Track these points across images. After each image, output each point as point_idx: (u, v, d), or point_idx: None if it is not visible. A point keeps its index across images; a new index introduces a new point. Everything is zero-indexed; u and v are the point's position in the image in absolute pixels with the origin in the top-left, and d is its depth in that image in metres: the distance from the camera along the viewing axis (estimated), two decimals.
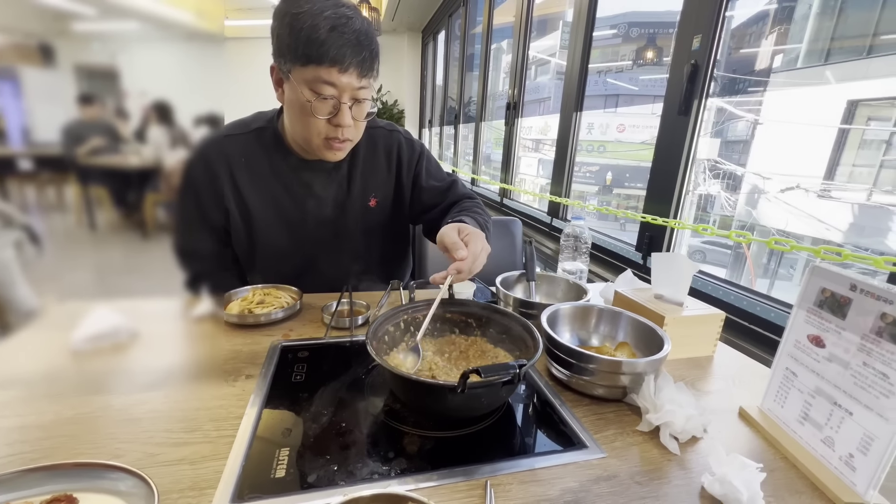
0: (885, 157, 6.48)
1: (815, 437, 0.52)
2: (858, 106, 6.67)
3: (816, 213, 6.50)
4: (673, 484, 0.48)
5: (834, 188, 6.72)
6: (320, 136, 0.85)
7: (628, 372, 0.60)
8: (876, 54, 6.49)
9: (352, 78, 0.80)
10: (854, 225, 6.55)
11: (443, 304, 0.70)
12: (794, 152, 6.24)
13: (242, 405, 0.58)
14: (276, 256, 1.00)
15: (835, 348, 0.51)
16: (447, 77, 4.27)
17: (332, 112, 0.82)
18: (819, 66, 7.04)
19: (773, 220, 6.74)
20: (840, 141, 6.69)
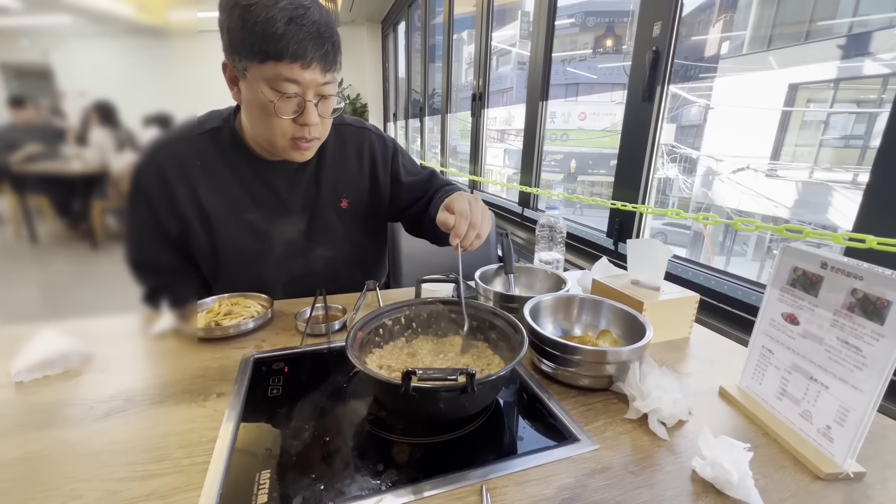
0: (824, 136, 6.91)
1: (794, 411, 0.54)
2: (799, 89, 7.07)
3: (765, 191, 6.89)
4: (665, 470, 0.49)
5: (780, 167, 7.13)
6: (286, 137, 0.80)
7: (613, 361, 0.60)
8: (812, 40, 6.86)
9: (315, 73, 0.75)
10: (798, 201, 6.99)
11: (445, 302, 0.70)
12: (744, 135, 6.57)
13: (215, 427, 0.54)
14: (242, 264, 0.95)
15: (809, 325, 0.52)
16: (410, 69, 4.20)
17: (296, 111, 0.78)
18: (763, 51, 7.41)
19: (727, 200, 7.09)
20: (783, 123, 7.09)
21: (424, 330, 0.71)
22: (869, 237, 0.69)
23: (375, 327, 0.66)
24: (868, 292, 0.46)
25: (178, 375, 0.65)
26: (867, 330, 0.46)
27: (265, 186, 0.92)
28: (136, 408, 0.57)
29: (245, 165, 0.91)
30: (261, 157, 0.91)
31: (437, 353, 0.67)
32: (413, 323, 0.70)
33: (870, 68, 6.12)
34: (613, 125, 9.54)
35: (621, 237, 1.41)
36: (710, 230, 6.13)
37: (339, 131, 0.99)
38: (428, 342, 0.69)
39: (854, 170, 6.06)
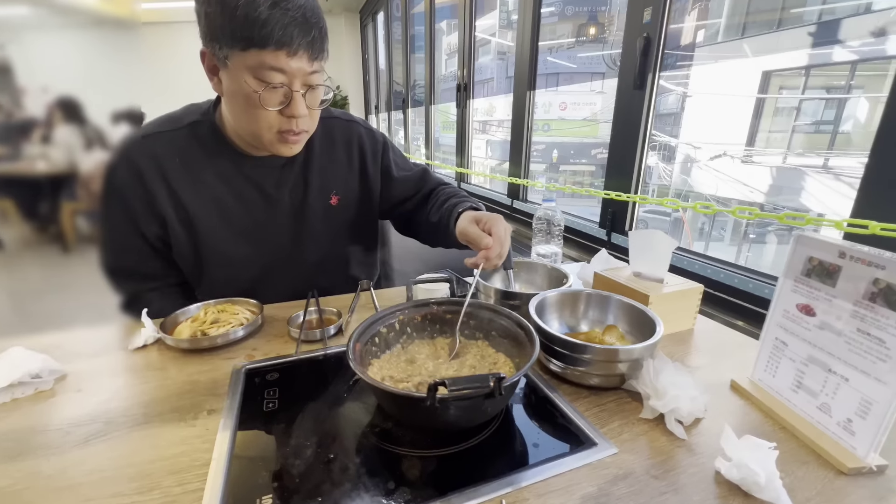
0: (796, 122, 7.06)
1: (811, 404, 0.53)
2: (772, 76, 7.21)
3: (742, 177, 7.03)
4: (688, 473, 0.47)
5: (755, 154, 7.28)
6: (272, 130, 0.75)
7: (625, 359, 0.58)
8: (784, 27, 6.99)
9: (302, 62, 0.70)
10: (773, 186, 7.15)
11: (439, 303, 0.66)
12: (720, 122, 6.68)
13: (208, 448, 0.50)
14: (227, 267, 0.89)
15: (826, 316, 0.51)
16: (390, 60, 4.11)
17: (282, 102, 0.72)
18: (737, 39, 7.54)
19: (705, 187, 7.23)
20: (758, 109, 7.23)
21: (420, 334, 0.68)
22: (872, 223, 0.69)
23: (371, 336, 0.62)
24: (891, 282, 0.44)
25: (164, 392, 0.60)
26: (891, 321, 0.44)
27: (250, 184, 0.87)
28: (119, 431, 0.52)
29: (228, 162, 0.85)
30: (245, 152, 0.85)
31: (436, 357, 0.64)
32: (407, 328, 0.67)
33: (839, 55, 6.29)
34: (594, 114, 9.61)
35: (614, 227, 1.40)
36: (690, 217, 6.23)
37: (326, 125, 0.94)
38: (424, 346, 0.66)
39: (825, 154, 6.26)
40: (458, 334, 0.64)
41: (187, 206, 0.84)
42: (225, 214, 0.86)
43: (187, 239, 0.86)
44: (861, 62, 6.02)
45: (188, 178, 0.84)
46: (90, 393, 0.60)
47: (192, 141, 0.84)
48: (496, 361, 0.62)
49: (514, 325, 0.61)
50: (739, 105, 6.57)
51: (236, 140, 0.84)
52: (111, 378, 0.64)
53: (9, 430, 0.53)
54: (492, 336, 0.65)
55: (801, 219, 0.79)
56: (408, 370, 0.60)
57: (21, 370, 0.59)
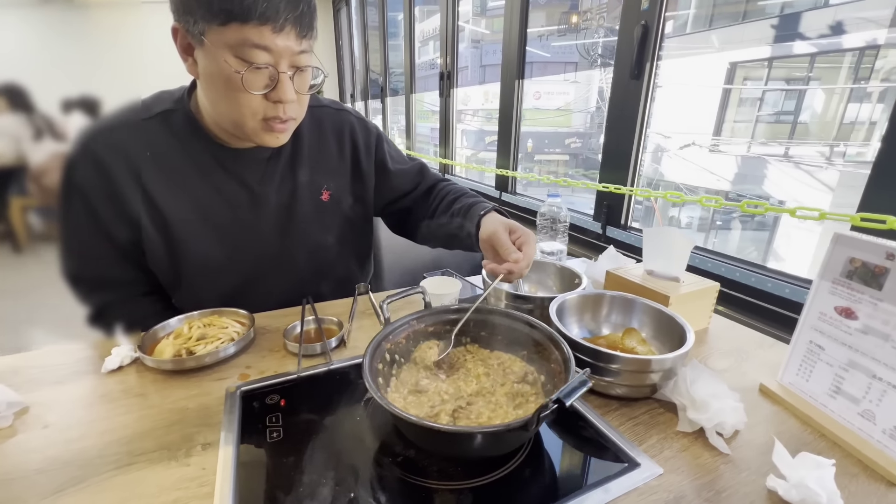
0: (759, 112, 7.33)
1: (851, 410, 0.51)
2: (737, 67, 7.44)
3: (709, 166, 7.26)
4: (741, 493, 0.44)
5: (721, 143, 7.52)
6: (256, 117, 0.67)
7: (658, 369, 0.55)
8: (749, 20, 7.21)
9: (289, 40, 0.62)
10: (738, 174, 7.41)
11: (454, 311, 0.61)
12: (689, 112, 6.86)
13: (207, 493, 0.43)
14: (208, 273, 0.81)
15: (870, 320, 0.49)
16: (366, 47, 3.96)
17: (268, 85, 0.64)
18: (705, 31, 7.71)
19: (675, 175, 7.43)
20: (724, 100, 7.46)
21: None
22: (890, 217, 0.68)
23: (383, 353, 0.56)
24: None
25: (148, 424, 0.52)
26: None
27: (232, 179, 0.79)
28: (97, 476, 0.45)
29: (206, 155, 0.76)
30: (225, 144, 0.77)
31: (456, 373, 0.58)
32: (422, 340, 0.61)
33: (799, 47, 6.54)
34: (567, 104, 9.68)
35: (609, 221, 1.37)
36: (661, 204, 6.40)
37: (314, 114, 0.86)
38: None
39: (785, 143, 6.53)
40: (453, 341, 0.59)
41: (161, 205, 0.75)
42: (205, 214, 0.78)
43: (163, 243, 0.77)
44: (819, 54, 6.28)
45: (161, 174, 0.75)
46: (59, 429, 0.52)
47: (165, 132, 0.75)
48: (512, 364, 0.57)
49: (543, 337, 0.56)
50: (707, 95, 6.76)
51: (215, 130, 0.75)
52: (83, 409, 0.55)
53: None
54: (512, 345, 0.60)
55: (815, 213, 0.78)
56: (425, 387, 0.55)
57: None
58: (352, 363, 0.65)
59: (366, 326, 0.76)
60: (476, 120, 9.46)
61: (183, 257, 0.78)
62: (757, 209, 0.85)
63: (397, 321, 0.58)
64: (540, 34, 8.51)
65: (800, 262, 4.60)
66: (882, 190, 0.75)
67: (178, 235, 0.76)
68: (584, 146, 9.30)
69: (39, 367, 0.64)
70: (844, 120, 5.95)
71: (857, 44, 5.77)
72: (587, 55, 8.56)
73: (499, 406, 0.51)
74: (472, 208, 0.80)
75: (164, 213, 0.75)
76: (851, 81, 5.91)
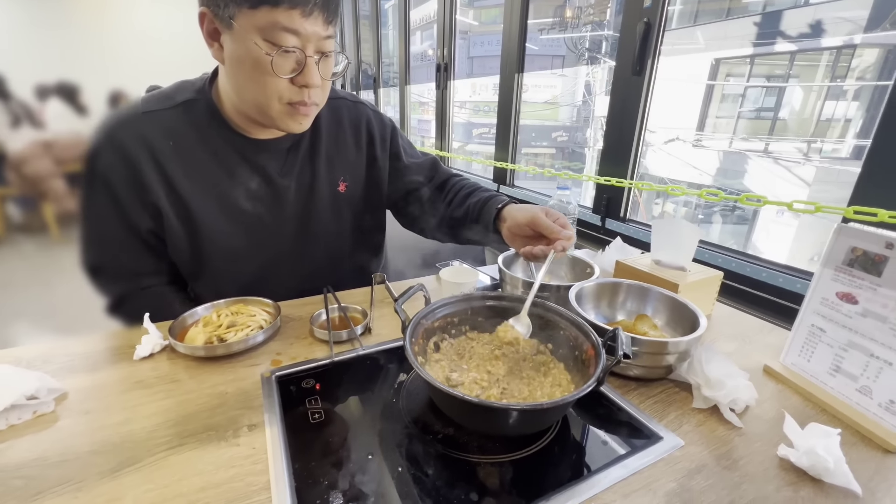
0: (741, 108, 7.49)
1: (850, 387, 0.56)
2: (721, 64, 7.57)
3: (692, 160, 7.41)
4: (755, 462, 0.48)
5: (704, 138, 7.67)
6: (282, 101, 0.68)
7: (674, 351, 0.59)
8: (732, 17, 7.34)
9: (317, 24, 0.63)
10: (720, 169, 7.58)
11: (494, 297, 0.64)
12: (674, 107, 6.98)
13: (262, 469, 0.45)
14: (229, 262, 0.82)
15: (870, 304, 0.54)
16: (358, 37, 3.91)
17: (295, 69, 0.66)
18: (690, 27, 7.82)
19: (659, 170, 7.57)
20: (707, 96, 7.59)
21: (471, 328, 0.65)
22: (881, 211, 0.73)
23: (421, 332, 0.59)
24: None
25: (191, 408, 0.54)
26: None
27: (253, 170, 0.79)
28: (152, 456, 0.46)
29: (228, 146, 0.77)
30: (246, 134, 0.77)
31: (491, 352, 0.61)
32: (456, 321, 0.64)
33: (780, 45, 6.70)
34: (554, 97, 9.72)
35: (609, 214, 1.42)
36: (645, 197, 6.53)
37: (332, 105, 0.87)
38: (477, 342, 0.63)
39: (766, 139, 6.72)
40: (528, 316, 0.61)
41: (184, 194, 0.75)
42: (226, 204, 0.79)
43: (184, 232, 0.77)
44: (799, 52, 6.45)
45: (184, 163, 0.75)
46: (101, 414, 0.53)
47: (187, 122, 0.75)
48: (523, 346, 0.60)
49: (568, 324, 0.59)
50: (691, 91, 6.89)
51: (236, 119, 0.76)
52: (121, 395, 0.56)
53: (16, 463, 0.45)
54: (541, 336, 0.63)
55: (811, 206, 0.83)
56: (462, 365, 0.58)
57: (15, 391, 0.51)
58: (381, 349, 0.67)
59: (387, 315, 0.78)
60: (464, 112, 9.42)
61: (204, 247, 0.79)
62: (758, 203, 0.89)
63: (442, 301, 0.61)
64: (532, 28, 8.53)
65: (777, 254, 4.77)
66: (873, 184, 0.81)
67: (199, 225, 0.77)
68: (570, 140, 9.38)
69: (70, 356, 0.64)
70: (822, 117, 6.15)
71: (834, 43, 5.95)
72: (575, 49, 8.60)
73: (532, 379, 0.54)
74: (490, 201, 0.82)
75: (187, 203, 0.75)
76: (828, 80, 6.10)
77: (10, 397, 0.51)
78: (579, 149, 8.80)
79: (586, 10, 7.47)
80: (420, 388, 0.58)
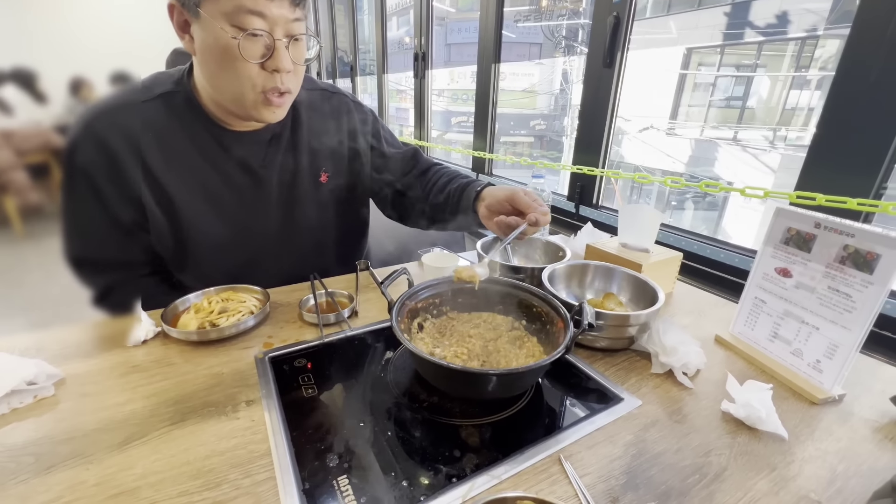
0: (712, 97, 7.69)
1: (786, 350, 0.63)
2: (693, 53, 7.74)
3: (666, 148, 7.60)
4: (702, 416, 0.55)
5: (677, 126, 7.86)
6: (255, 89, 0.69)
7: (635, 323, 0.65)
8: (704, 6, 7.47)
9: (283, 7, 0.65)
10: (692, 157, 7.80)
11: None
12: (648, 96, 7.12)
13: (262, 439, 0.49)
14: (213, 252, 0.84)
15: (801, 277, 0.61)
16: (333, 23, 3.85)
17: (265, 54, 0.67)
18: (663, 16, 7.94)
19: (634, 158, 7.73)
20: (680, 85, 7.75)
21: (453, 308, 0.69)
22: (819, 195, 0.81)
23: (406, 312, 0.63)
24: (859, 247, 0.54)
25: (189, 388, 0.57)
26: (857, 279, 0.54)
27: (235, 161, 0.81)
28: (157, 431, 0.50)
29: (208, 137, 0.78)
30: (226, 125, 0.79)
31: (471, 330, 0.66)
32: (438, 301, 0.69)
33: (748, 35, 6.91)
34: (532, 85, 9.77)
35: (583, 201, 1.48)
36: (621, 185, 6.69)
37: (311, 96, 0.89)
38: (459, 320, 0.68)
39: (735, 128, 6.96)
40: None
41: (165, 186, 0.77)
42: (208, 195, 0.80)
43: (167, 223, 0.79)
44: (766, 42, 6.68)
45: (165, 155, 0.76)
46: (101, 396, 0.56)
47: (166, 113, 0.76)
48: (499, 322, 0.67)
49: (540, 302, 0.65)
50: (665, 80, 7.05)
51: (215, 111, 0.77)
52: (119, 378, 0.59)
53: (24, 442, 0.48)
54: (486, 305, 0.69)
55: (760, 192, 0.90)
56: (444, 341, 0.63)
57: (16, 376, 0.53)
58: (368, 329, 0.71)
59: (372, 299, 0.83)
60: (442, 100, 9.37)
61: (188, 237, 0.81)
62: (714, 189, 0.97)
63: (425, 283, 0.66)
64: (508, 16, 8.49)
65: (745, 237, 5.00)
66: (814, 171, 0.89)
67: (182, 216, 0.79)
68: (548, 128, 9.48)
69: (62, 344, 0.66)
70: (787, 106, 6.41)
71: (799, 33, 6.18)
72: (552, 37, 8.65)
73: (508, 352, 0.59)
74: (471, 184, 0.86)
75: (169, 194, 0.77)
76: (793, 70, 6.35)
77: (11, 382, 0.53)
78: (557, 137, 8.90)
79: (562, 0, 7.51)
80: (406, 363, 0.63)
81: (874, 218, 0.85)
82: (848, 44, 0.83)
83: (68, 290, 0.81)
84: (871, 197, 0.82)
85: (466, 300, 0.69)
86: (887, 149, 0.79)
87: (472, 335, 0.64)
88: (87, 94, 0.72)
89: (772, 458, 0.49)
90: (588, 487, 0.44)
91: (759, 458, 0.49)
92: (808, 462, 0.48)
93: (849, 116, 0.83)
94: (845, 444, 0.51)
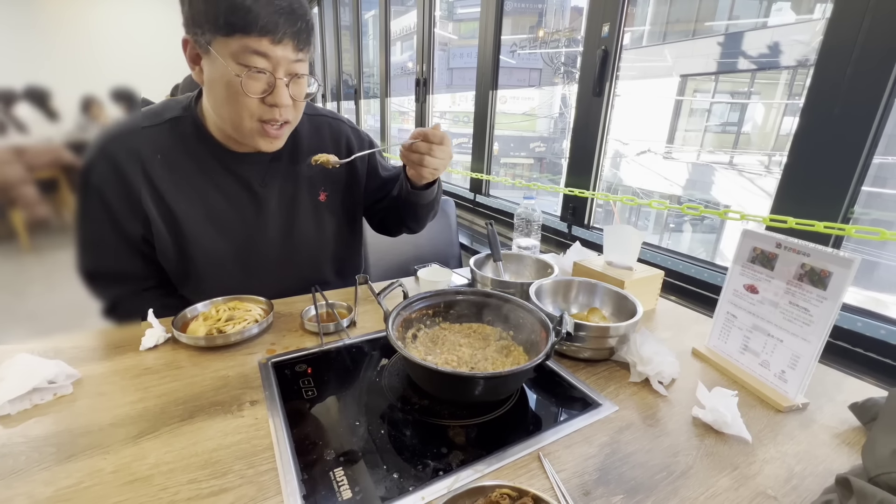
0: (707, 123, 7.87)
1: (754, 361, 0.68)
2: (688, 80, 7.96)
3: (663, 171, 7.73)
4: (673, 420, 0.59)
5: (674, 150, 8.02)
6: (253, 118, 0.76)
7: (615, 335, 0.70)
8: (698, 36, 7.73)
9: (287, 50, 0.71)
10: (689, 180, 7.92)
11: (462, 293, 0.74)
12: (645, 120, 7.30)
13: (264, 435, 0.53)
14: (215, 267, 0.88)
15: (766, 293, 0.66)
16: (339, 47, 4.01)
17: (265, 91, 0.73)
18: (659, 45, 8.20)
19: (632, 180, 7.85)
20: (676, 110, 7.95)
21: (444, 319, 0.74)
22: (790, 218, 0.87)
23: (401, 322, 0.68)
24: (814, 265, 0.59)
25: (197, 388, 0.62)
26: (813, 295, 0.59)
27: (237, 181, 0.87)
28: (167, 426, 0.54)
29: (212, 159, 0.84)
30: (229, 148, 0.85)
31: (461, 339, 0.71)
32: (430, 312, 0.73)
33: (742, 64, 7.13)
34: (532, 109, 10.01)
35: (575, 221, 1.54)
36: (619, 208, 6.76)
37: (314, 122, 0.96)
38: (449, 330, 0.73)
39: (730, 152, 7.10)
40: None
41: (171, 205, 0.82)
42: (211, 213, 0.86)
43: (172, 240, 0.84)
44: (759, 70, 6.89)
45: (171, 175, 0.82)
46: (116, 395, 0.60)
47: (174, 137, 0.82)
48: (489, 333, 0.71)
49: (525, 314, 0.70)
50: (661, 105, 7.25)
51: (218, 135, 0.83)
52: (132, 379, 0.63)
53: (45, 434, 0.52)
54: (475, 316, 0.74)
55: (737, 215, 0.96)
56: (434, 351, 0.67)
57: (37, 375, 0.58)
58: (366, 339, 0.76)
59: (370, 311, 0.87)
60: (444, 122, 9.59)
61: (191, 253, 0.85)
62: (694, 211, 1.03)
63: (417, 296, 0.71)
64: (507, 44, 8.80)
65: None
66: (787, 197, 0.95)
67: (186, 232, 0.84)
68: (548, 150, 9.66)
69: (78, 348, 0.70)
70: (781, 132, 6.57)
71: (790, 63, 6.38)
72: (551, 63, 8.92)
73: (496, 360, 0.64)
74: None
75: (174, 212, 0.82)
76: (786, 97, 6.53)
77: (33, 381, 0.57)
78: (556, 159, 9.07)
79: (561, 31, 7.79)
80: (400, 370, 0.67)
81: (843, 241, 0.91)
82: (813, 79, 0.90)
83: (71, 301, 0.86)
84: (839, 221, 0.87)
85: (458, 312, 0.74)
86: (851, 177, 0.85)
87: (462, 344, 0.69)
88: (98, 113, 0.76)
89: (735, 458, 0.53)
90: (563, 482, 0.48)
91: (723, 458, 0.53)
92: (768, 462, 0.52)
93: (815, 147, 0.90)
94: (805, 447, 0.55)
